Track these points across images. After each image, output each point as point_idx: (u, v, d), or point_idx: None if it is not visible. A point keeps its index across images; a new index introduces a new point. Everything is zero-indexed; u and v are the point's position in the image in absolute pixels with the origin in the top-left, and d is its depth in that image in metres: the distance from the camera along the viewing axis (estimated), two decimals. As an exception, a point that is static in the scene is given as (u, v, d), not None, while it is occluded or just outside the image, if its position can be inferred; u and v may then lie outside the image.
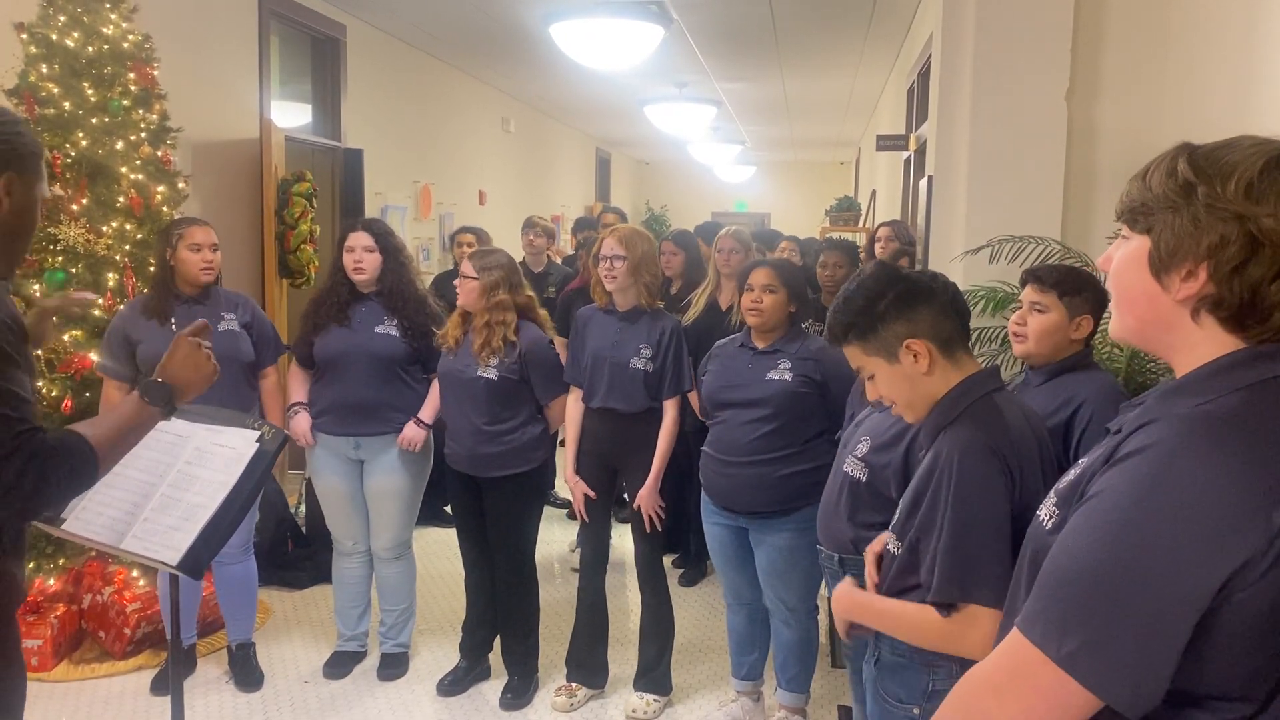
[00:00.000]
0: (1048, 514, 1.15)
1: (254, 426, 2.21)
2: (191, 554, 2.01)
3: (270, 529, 4.49)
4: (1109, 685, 0.98)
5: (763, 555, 3.09)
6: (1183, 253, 1.05)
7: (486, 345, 3.30)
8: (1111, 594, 0.98)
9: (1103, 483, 1.04)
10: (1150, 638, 0.97)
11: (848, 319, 1.83)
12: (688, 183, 17.38)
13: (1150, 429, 1.04)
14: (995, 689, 1.07)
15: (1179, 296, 1.07)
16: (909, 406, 1.83)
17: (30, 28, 3.71)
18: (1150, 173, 1.11)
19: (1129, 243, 1.13)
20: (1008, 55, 3.65)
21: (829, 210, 10.18)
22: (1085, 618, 0.99)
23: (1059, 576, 1.03)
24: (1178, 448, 1.00)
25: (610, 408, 3.32)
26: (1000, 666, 1.08)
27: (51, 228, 3.64)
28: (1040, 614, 1.03)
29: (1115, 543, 0.99)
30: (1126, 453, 1.04)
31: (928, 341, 1.76)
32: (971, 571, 1.62)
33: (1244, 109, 2.66)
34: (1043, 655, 1.01)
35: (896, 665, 1.80)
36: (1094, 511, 1.03)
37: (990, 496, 1.64)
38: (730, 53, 7.96)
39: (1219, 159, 1.05)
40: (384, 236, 3.54)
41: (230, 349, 3.38)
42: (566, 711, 3.44)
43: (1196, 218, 1.04)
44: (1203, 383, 1.05)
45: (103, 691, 3.53)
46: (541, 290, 5.31)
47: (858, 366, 1.87)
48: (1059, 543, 1.06)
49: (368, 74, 7.08)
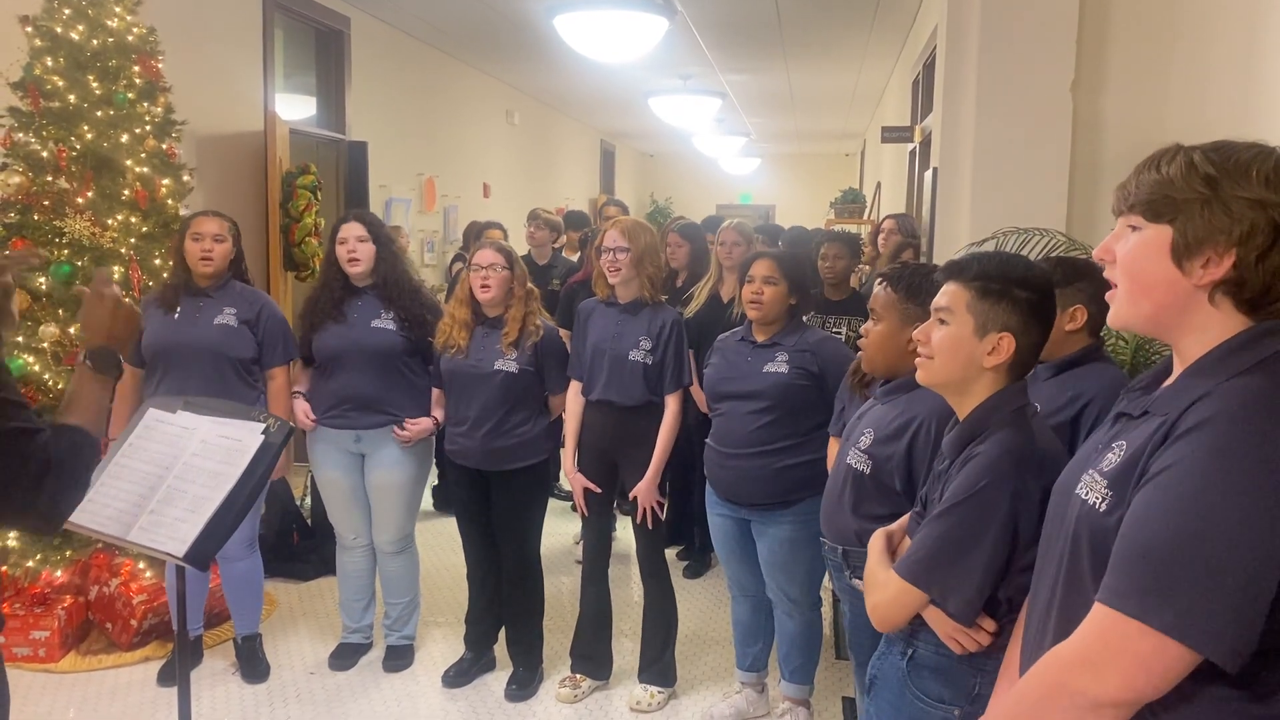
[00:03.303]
0: (1099, 496, 1.18)
1: (259, 419, 2.21)
2: (198, 546, 2.02)
3: (276, 521, 4.51)
4: (1213, 644, 1.04)
5: (765, 547, 3.09)
6: (1211, 241, 1.13)
7: (523, 335, 3.33)
8: (1200, 559, 1.04)
9: (1170, 457, 1.10)
10: (1243, 596, 1.03)
11: (993, 271, 1.73)
12: (692, 175, 17.36)
13: (1206, 402, 1.11)
14: (1090, 663, 1.12)
15: (1201, 282, 1.15)
16: (934, 370, 1.77)
17: (35, 21, 3.72)
18: (1160, 167, 1.17)
19: (1141, 233, 1.19)
20: (1012, 47, 3.64)
21: (834, 202, 10.15)
22: (1180, 585, 1.05)
23: (1144, 549, 1.08)
24: (1241, 415, 1.07)
25: (608, 400, 3.32)
26: (1095, 643, 1.12)
27: (57, 221, 3.65)
28: (1133, 589, 1.08)
29: (1197, 511, 1.05)
30: (1188, 427, 1.10)
31: (1016, 349, 1.72)
32: (953, 578, 1.65)
33: (1248, 100, 2.65)
34: (1141, 625, 1.07)
35: (939, 664, 1.76)
36: (1168, 485, 1.08)
37: (1000, 514, 1.63)
38: (735, 45, 7.94)
39: (1230, 155, 1.14)
40: (375, 226, 3.54)
41: (218, 342, 3.39)
42: (571, 703, 3.45)
43: (1228, 208, 1.12)
44: (1228, 358, 1.14)
45: (109, 682, 3.55)
46: (546, 283, 5.32)
47: (946, 305, 1.75)
48: (1134, 519, 1.11)
49: (372, 66, 7.08)
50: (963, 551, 1.65)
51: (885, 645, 1.91)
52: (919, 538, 1.72)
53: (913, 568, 1.70)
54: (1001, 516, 1.63)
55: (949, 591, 1.66)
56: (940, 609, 1.68)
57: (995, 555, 1.63)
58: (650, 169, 18.25)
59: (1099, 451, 1.24)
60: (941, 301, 1.76)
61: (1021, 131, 3.64)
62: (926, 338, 1.78)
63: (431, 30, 7.68)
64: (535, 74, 9.64)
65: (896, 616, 1.75)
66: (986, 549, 1.63)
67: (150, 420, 2.24)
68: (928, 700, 1.78)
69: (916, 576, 1.69)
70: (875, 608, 1.78)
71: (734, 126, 13.00)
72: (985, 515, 1.63)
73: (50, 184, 3.66)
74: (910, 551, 1.73)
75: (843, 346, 3.15)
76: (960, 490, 1.66)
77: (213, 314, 3.44)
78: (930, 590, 1.68)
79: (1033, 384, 2.45)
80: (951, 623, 1.68)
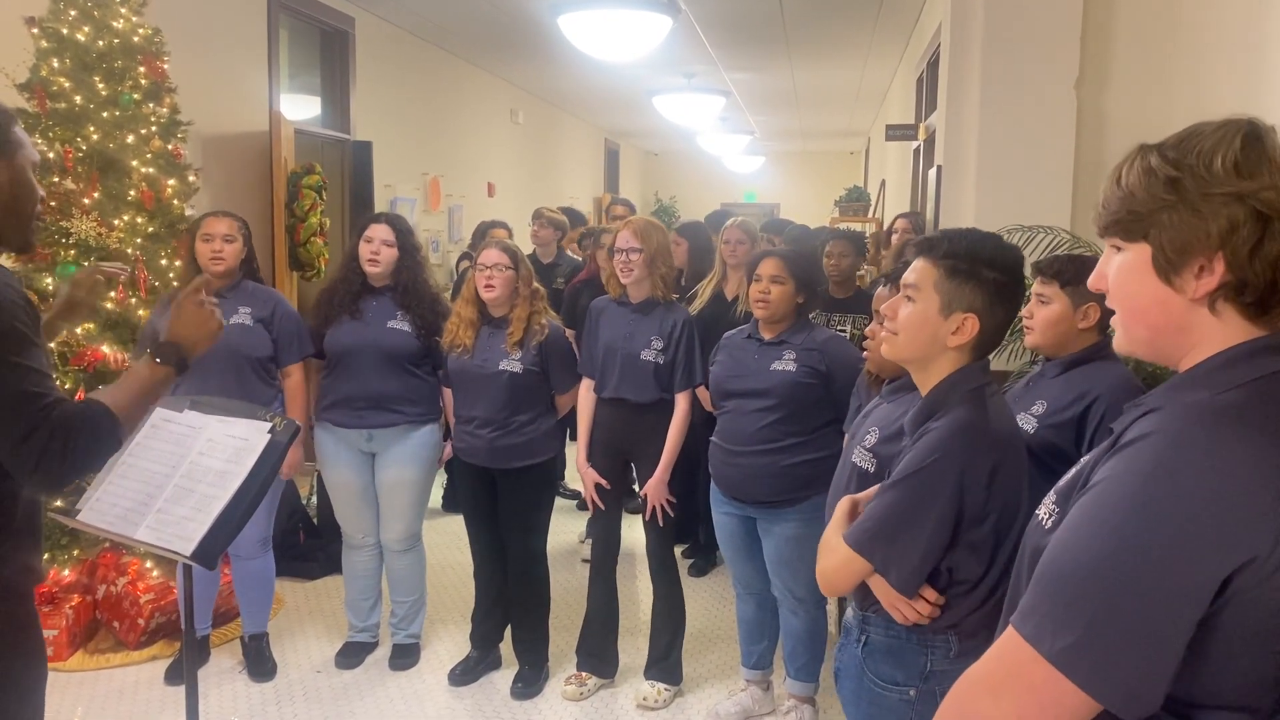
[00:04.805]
0: (1047, 512, 1.10)
1: (266, 418, 2.22)
2: (205, 544, 2.02)
3: (282, 520, 4.51)
4: (1102, 684, 0.93)
5: (770, 545, 3.10)
6: (1193, 247, 1.00)
7: (527, 334, 3.33)
8: (1106, 586, 0.93)
9: (1102, 472, 1.00)
10: (1146, 635, 0.92)
11: (962, 251, 1.72)
12: (696, 173, 17.35)
13: (1152, 417, 1.01)
14: (991, 689, 1.03)
15: (1196, 295, 1.02)
16: (898, 346, 1.78)
17: (41, 22, 3.73)
18: (1122, 180, 1.07)
19: (1123, 254, 1.08)
20: (1017, 44, 3.64)
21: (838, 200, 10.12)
22: (1078, 612, 0.94)
23: (1054, 570, 0.98)
24: (1181, 436, 0.96)
25: (621, 398, 3.33)
26: (995, 665, 1.03)
27: (64, 221, 3.66)
28: (1033, 609, 0.99)
29: (1112, 533, 0.94)
30: (1128, 440, 1.00)
31: (979, 329, 1.72)
32: (896, 549, 1.68)
33: (1252, 96, 2.64)
34: (1035, 652, 0.96)
35: (890, 646, 1.79)
36: (1091, 502, 0.99)
37: (946, 489, 1.65)
38: (738, 43, 7.94)
39: (1191, 147, 1.01)
40: (405, 234, 3.55)
41: (237, 341, 3.40)
42: (577, 700, 3.46)
43: (1196, 208, 1.00)
44: (1209, 375, 1.02)
45: (117, 681, 3.57)
46: (550, 282, 5.32)
47: (914, 282, 1.75)
48: (1056, 535, 1.01)
49: (376, 66, 7.09)
50: (907, 524, 1.68)
51: (844, 636, 1.94)
52: (869, 508, 1.75)
53: (859, 537, 1.73)
54: (948, 491, 1.65)
55: (891, 562, 1.70)
56: (883, 578, 1.71)
57: (939, 529, 1.66)
58: (654, 168, 18.25)
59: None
60: (910, 278, 1.77)
61: (1026, 129, 3.64)
62: (893, 313, 1.79)
63: (436, 30, 7.69)
64: (540, 73, 9.65)
65: (842, 583, 1.79)
66: (931, 523, 1.66)
67: (157, 420, 2.25)
68: (883, 684, 1.80)
69: (862, 545, 1.72)
70: (823, 572, 1.82)
71: (738, 125, 13.00)
72: (932, 490, 1.66)
73: (56, 185, 3.67)
74: (859, 521, 1.76)
75: (850, 345, 3.15)
76: (910, 464, 1.69)
77: (228, 314, 3.44)
78: (874, 559, 1.71)
79: (1040, 381, 2.47)
80: (894, 592, 1.71)
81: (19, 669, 1.72)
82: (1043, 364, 2.53)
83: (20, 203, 1.71)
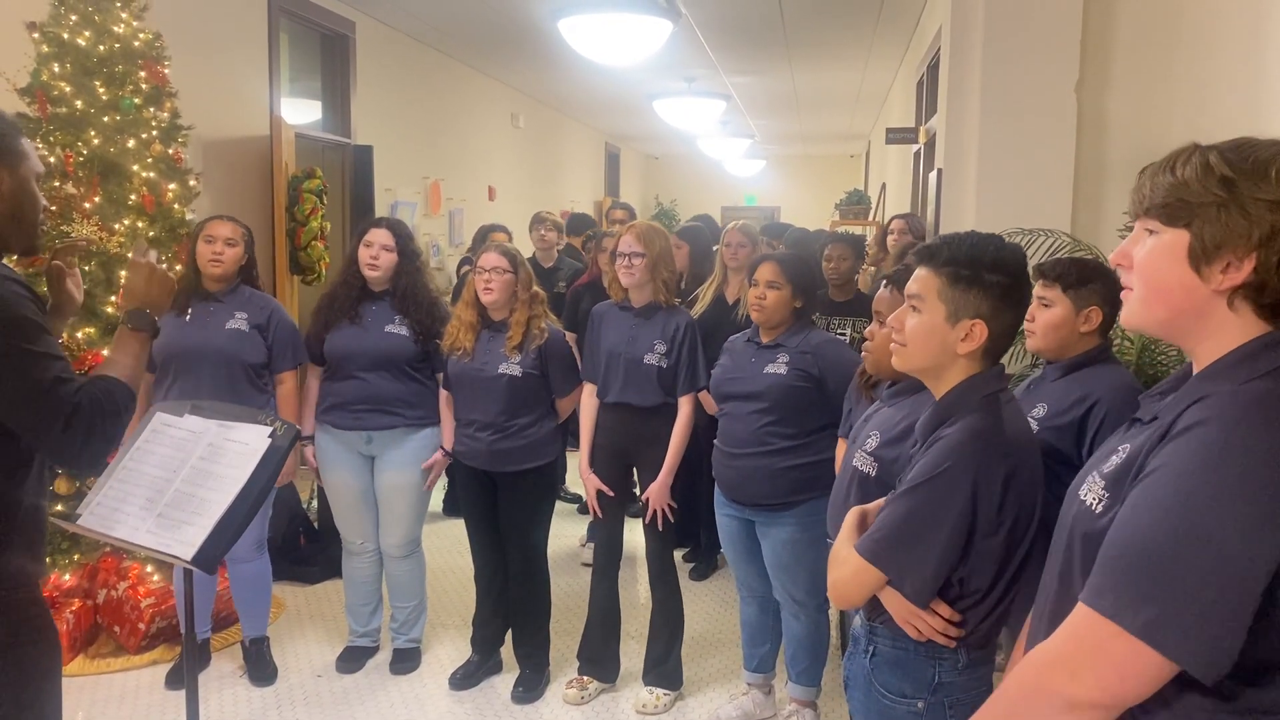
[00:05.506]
0: (1096, 498, 1.17)
1: (266, 422, 2.22)
2: (205, 549, 2.02)
3: (283, 524, 4.52)
4: (1186, 651, 1.01)
5: (768, 548, 3.10)
6: (1230, 244, 1.09)
7: (526, 338, 3.33)
8: (1182, 563, 1.01)
9: (1161, 458, 1.07)
10: (1222, 604, 1.00)
11: (963, 257, 1.71)
12: (697, 177, 17.36)
13: (1204, 404, 1.08)
14: (1066, 665, 1.09)
15: (1220, 287, 1.11)
16: (909, 357, 1.77)
17: (42, 27, 3.74)
18: (1176, 169, 1.13)
19: (1158, 237, 1.15)
20: (1017, 47, 3.64)
21: (839, 204, 10.13)
22: (1158, 587, 1.02)
23: (1126, 549, 1.06)
24: (1237, 419, 1.04)
25: (625, 402, 3.33)
26: (1070, 643, 1.10)
27: (64, 225, 3.66)
28: (1110, 588, 1.06)
29: (1182, 513, 1.02)
30: (1183, 428, 1.07)
31: (988, 335, 1.71)
32: (911, 559, 1.66)
33: (1253, 100, 2.65)
34: (1116, 627, 1.04)
35: (897, 658, 1.78)
36: (1156, 485, 1.06)
37: (960, 497, 1.63)
38: (739, 47, 7.95)
39: (1248, 155, 1.09)
40: (405, 239, 3.56)
41: (230, 346, 3.41)
42: (578, 704, 3.46)
43: (1245, 211, 1.08)
44: (1241, 365, 1.10)
45: (118, 686, 3.56)
46: (551, 285, 5.32)
47: (917, 292, 1.74)
48: (1121, 518, 1.08)
49: (377, 70, 7.10)
50: (921, 532, 1.65)
51: (852, 645, 1.92)
52: (880, 517, 1.73)
53: (872, 547, 1.70)
54: (961, 500, 1.63)
55: (905, 572, 1.67)
56: (897, 590, 1.69)
57: (953, 538, 1.63)
58: (655, 171, 18.26)
59: (1106, 455, 1.23)
60: (913, 288, 1.76)
61: (1026, 132, 3.64)
62: (900, 325, 1.78)
63: (436, 34, 7.69)
64: (540, 77, 9.66)
65: (854, 595, 1.76)
66: (945, 532, 1.63)
67: (157, 424, 2.25)
68: (891, 696, 1.79)
69: (875, 555, 1.69)
70: (834, 584, 1.78)
71: (738, 128, 13.01)
72: (945, 497, 1.64)
73: (57, 189, 3.67)
74: (871, 531, 1.73)
75: (845, 349, 3.15)
76: (923, 472, 1.67)
77: (224, 319, 3.46)
78: (888, 569, 1.69)
79: (1041, 384, 2.47)
80: (908, 606, 1.69)
81: (44, 658, 1.77)
82: (1044, 367, 2.52)
83: (24, 210, 1.77)
